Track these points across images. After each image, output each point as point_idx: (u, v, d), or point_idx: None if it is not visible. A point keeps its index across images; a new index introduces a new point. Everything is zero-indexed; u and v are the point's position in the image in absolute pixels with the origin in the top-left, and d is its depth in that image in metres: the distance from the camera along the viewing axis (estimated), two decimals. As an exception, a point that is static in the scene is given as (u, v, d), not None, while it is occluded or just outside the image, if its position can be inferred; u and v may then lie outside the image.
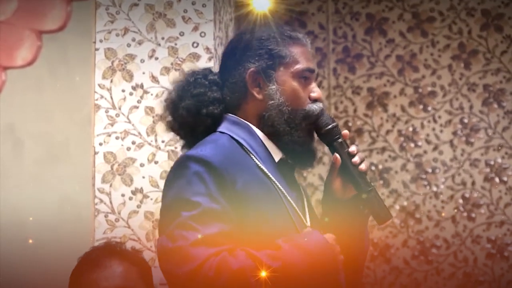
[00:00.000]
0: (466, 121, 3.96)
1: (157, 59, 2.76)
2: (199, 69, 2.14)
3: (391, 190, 3.97)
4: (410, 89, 4.01)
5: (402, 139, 4.00)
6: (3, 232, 2.79)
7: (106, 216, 2.72)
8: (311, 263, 1.85)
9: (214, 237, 1.81)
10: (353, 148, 2.01)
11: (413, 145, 3.99)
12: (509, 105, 3.94)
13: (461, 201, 3.92)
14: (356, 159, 2.00)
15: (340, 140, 2.02)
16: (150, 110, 2.75)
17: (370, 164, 3.94)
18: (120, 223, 2.71)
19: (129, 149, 2.74)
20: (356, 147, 2.02)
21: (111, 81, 2.78)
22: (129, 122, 2.76)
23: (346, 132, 2.03)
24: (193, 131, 2.06)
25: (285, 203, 1.98)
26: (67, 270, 2.46)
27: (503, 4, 3.98)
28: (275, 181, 1.98)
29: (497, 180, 3.90)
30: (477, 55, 3.97)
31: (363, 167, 2.00)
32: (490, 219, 3.88)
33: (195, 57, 2.75)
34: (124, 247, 2.48)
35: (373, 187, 2.00)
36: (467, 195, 3.91)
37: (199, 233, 1.81)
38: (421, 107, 4.00)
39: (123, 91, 2.77)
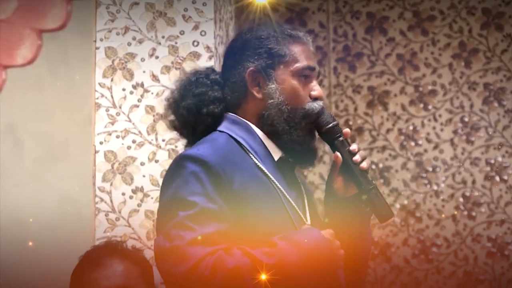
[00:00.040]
0: (466, 119, 3.96)
1: (157, 58, 2.76)
2: (202, 69, 2.14)
3: (391, 189, 3.97)
4: (410, 88, 4.01)
5: (402, 137, 4.00)
6: (3, 231, 2.79)
7: (106, 215, 2.72)
8: (307, 259, 1.84)
9: (210, 236, 1.81)
10: (354, 146, 2.01)
11: (413, 143, 3.99)
12: (510, 104, 3.93)
13: (461, 199, 3.91)
14: (357, 158, 1.99)
15: (341, 138, 2.01)
16: (150, 109, 2.75)
17: (370, 162, 3.93)
18: (120, 222, 2.71)
19: (129, 148, 2.74)
20: (357, 145, 2.01)
21: (112, 80, 2.77)
22: (130, 121, 2.75)
23: (347, 130, 2.03)
24: (194, 130, 2.06)
25: (284, 202, 1.97)
26: (67, 269, 2.46)
27: (504, 2, 3.97)
28: (274, 180, 1.98)
29: (497, 178, 3.90)
30: (477, 53, 3.97)
31: (364, 165, 2.00)
32: (490, 217, 3.88)
33: (196, 55, 2.74)
34: (125, 246, 2.48)
35: (374, 185, 1.99)
36: (468, 194, 3.91)
37: (196, 232, 1.80)
38: (422, 105, 3.99)
39: (124, 90, 2.77)
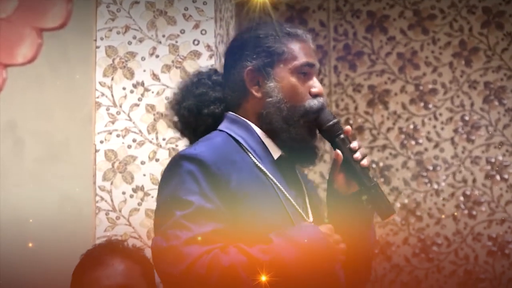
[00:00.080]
0: (467, 118, 3.95)
1: (158, 56, 2.76)
2: (204, 70, 2.14)
3: (392, 187, 3.97)
4: (411, 87, 4.00)
5: (403, 136, 4.00)
6: (3, 231, 2.79)
7: (107, 214, 2.72)
8: (303, 254, 1.84)
9: (207, 235, 1.81)
10: (354, 144, 2.00)
11: (414, 142, 3.98)
12: (510, 103, 3.93)
13: (462, 198, 3.91)
14: (357, 155, 1.99)
15: (342, 136, 2.01)
16: (151, 107, 2.75)
17: (371, 161, 3.93)
18: (121, 221, 2.71)
19: (130, 147, 2.74)
20: (357, 143, 2.01)
21: (112, 79, 2.77)
22: (130, 120, 2.75)
23: (348, 128, 2.03)
24: (195, 130, 2.06)
25: (282, 200, 1.97)
26: (68, 268, 2.45)
27: (504, 1, 3.97)
28: (273, 179, 1.97)
29: (498, 177, 3.90)
30: (478, 52, 3.97)
31: (365, 162, 1.99)
32: (491, 216, 3.88)
33: (196, 54, 2.74)
34: (126, 245, 2.48)
35: (375, 182, 1.99)
36: (468, 193, 3.91)
37: (192, 232, 1.80)
38: (422, 104, 3.99)
39: (124, 89, 2.76)
